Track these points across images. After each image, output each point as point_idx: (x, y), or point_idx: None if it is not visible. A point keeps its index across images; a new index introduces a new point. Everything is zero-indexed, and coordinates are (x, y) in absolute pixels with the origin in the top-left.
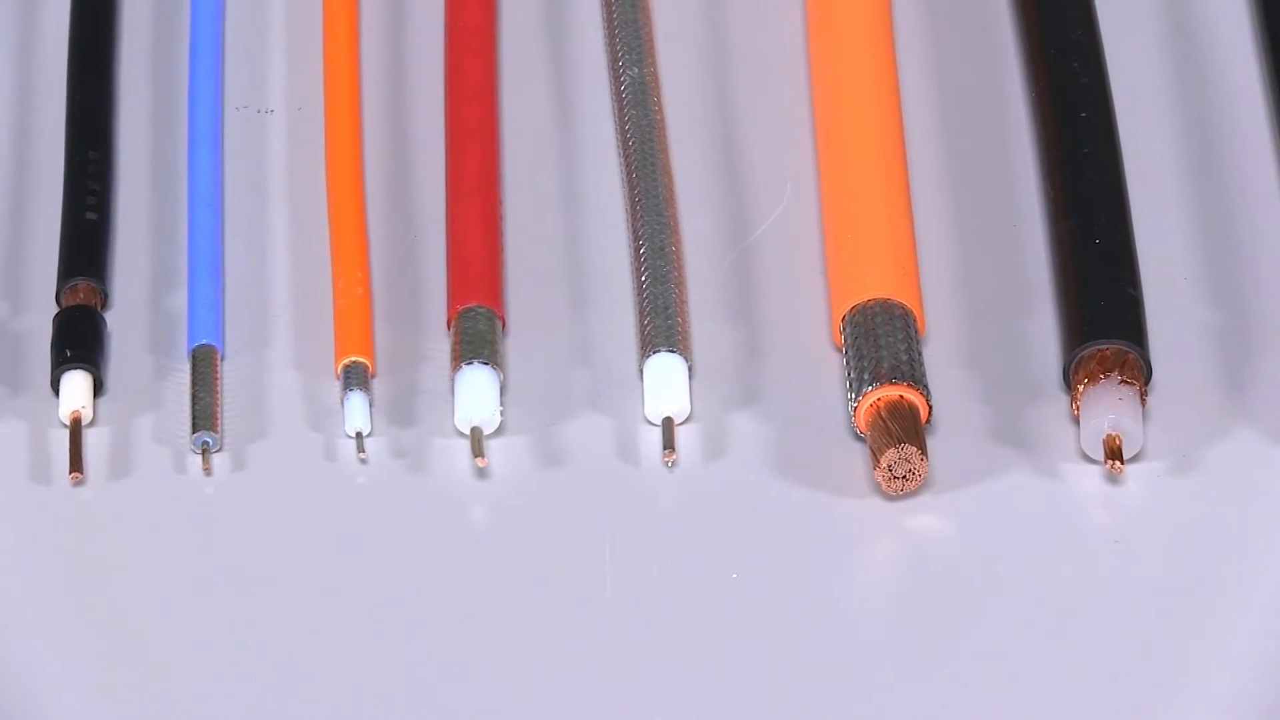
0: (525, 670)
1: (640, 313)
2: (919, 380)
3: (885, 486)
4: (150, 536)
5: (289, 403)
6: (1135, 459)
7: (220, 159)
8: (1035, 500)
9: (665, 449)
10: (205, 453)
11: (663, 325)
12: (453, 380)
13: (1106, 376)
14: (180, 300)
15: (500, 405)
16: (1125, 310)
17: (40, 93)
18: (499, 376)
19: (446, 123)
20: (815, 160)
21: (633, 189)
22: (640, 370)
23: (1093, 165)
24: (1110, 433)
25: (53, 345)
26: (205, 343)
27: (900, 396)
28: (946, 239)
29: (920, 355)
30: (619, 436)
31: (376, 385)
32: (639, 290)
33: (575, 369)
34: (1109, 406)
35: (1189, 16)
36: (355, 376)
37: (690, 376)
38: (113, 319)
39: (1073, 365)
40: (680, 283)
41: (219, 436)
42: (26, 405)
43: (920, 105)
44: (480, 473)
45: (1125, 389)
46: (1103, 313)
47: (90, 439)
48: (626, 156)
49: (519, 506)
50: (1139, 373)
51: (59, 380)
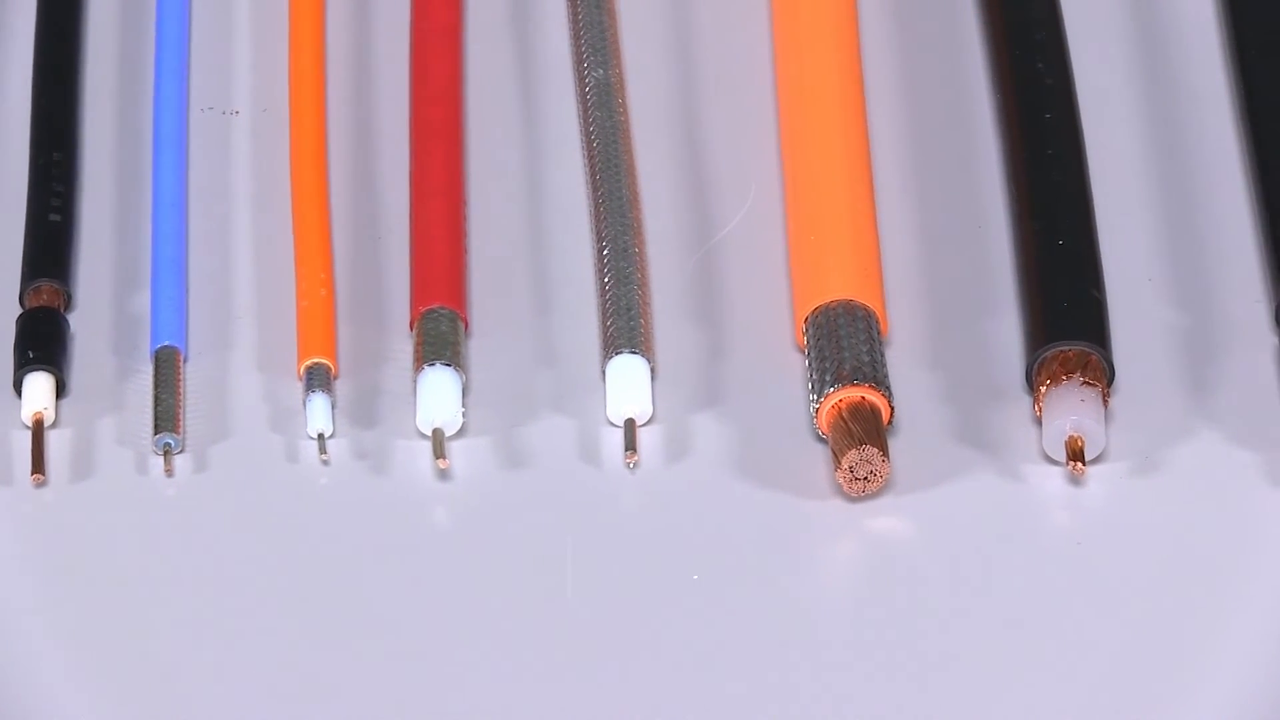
0: (487, 671)
1: (603, 314)
2: (881, 381)
3: (847, 488)
4: (112, 538)
5: (251, 404)
6: (1097, 460)
7: (185, 160)
8: (997, 502)
9: (627, 450)
10: (167, 454)
11: (625, 327)
12: (415, 381)
13: (1069, 378)
14: (144, 302)
15: (462, 407)
16: (1088, 311)
17: (5, 95)
18: (461, 378)
19: (411, 124)
20: (780, 162)
21: (596, 190)
22: (603, 371)
23: (1057, 166)
24: (1072, 434)
25: (15, 346)
26: (168, 344)
27: (862, 398)
28: (910, 240)
29: (882, 356)
30: (581, 438)
31: (339, 386)
32: (602, 291)
33: (538, 370)
34: (1071, 408)
35: (1155, 18)
36: (317, 378)
37: (653, 378)
38: (76, 320)
39: (1035, 366)
40: (643, 284)
41: (181, 438)
42: None
43: (885, 106)
44: (442, 474)
45: (1087, 390)
46: (1065, 314)
47: (52, 440)
48: (591, 158)
49: (481, 508)
50: (1101, 374)
51: (21, 381)
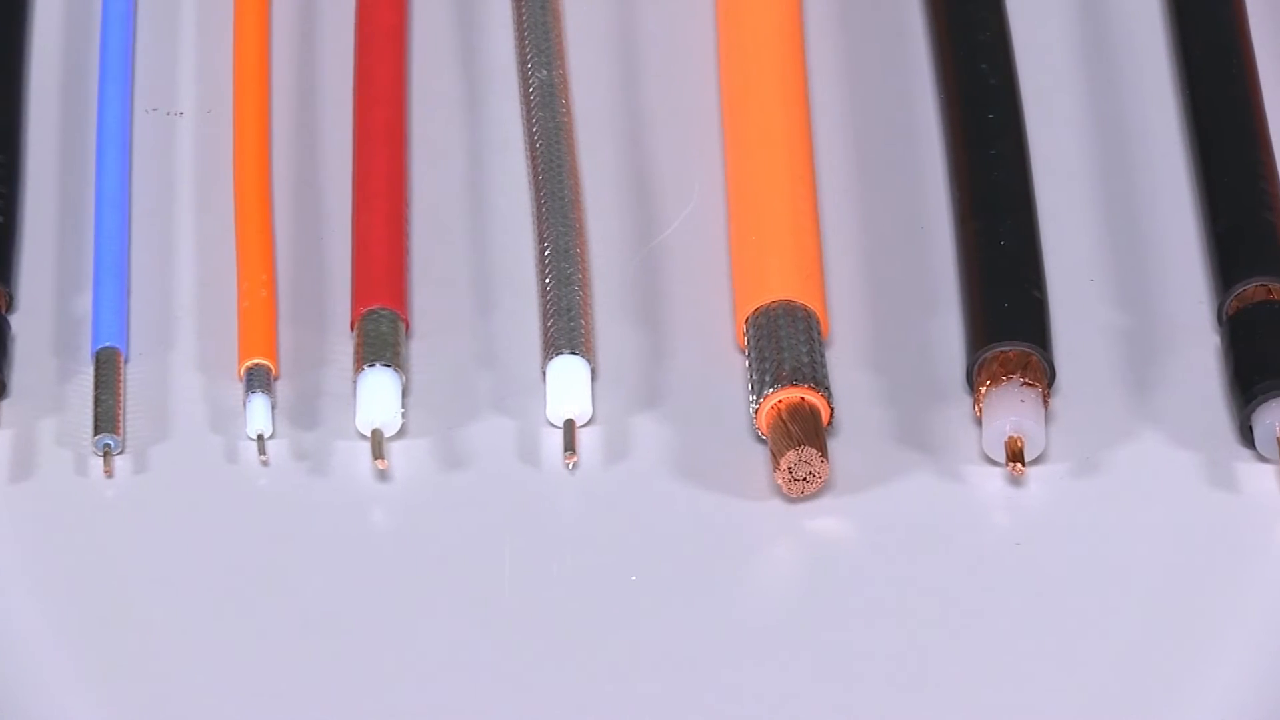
0: (425, 671)
1: (544, 315)
2: (820, 382)
3: (786, 488)
4: (51, 539)
5: (191, 405)
6: (1038, 461)
7: (128, 162)
8: (937, 502)
9: (566, 451)
10: (107, 455)
11: (566, 327)
12: (354, 382)
13: (1009, 378)
14: (85, 303)
15: (402, 408)
16: (1029, 312)
17: None
18: (401, 379)
19: (355, 125)
20: (724, 163)
21: (539, 191)
22: (543, 372)
23: (999, 167)
24: (1012, 435)
25: None
26: (109, 345)
27: (801, 398)
28: (853, 241)
29: (823, 357)
30: (521, 439)
31: (280, 387)
32: (543, 292)
33: (479, 371)
34: (1011, 409)
35: (1100, 18)
36: (258, 379)
37: (593, 379)
38: (17, 321)
39: (975, 367)
40: (584, 285)
41: (121, 439)
42: None
43: (830, 107)
44: (381, 475)
45: (1027, 391)
46: (1006, 314)
47: None
48: (533, 159)
49: (420, 508)
50: (1042, 374)
51: None
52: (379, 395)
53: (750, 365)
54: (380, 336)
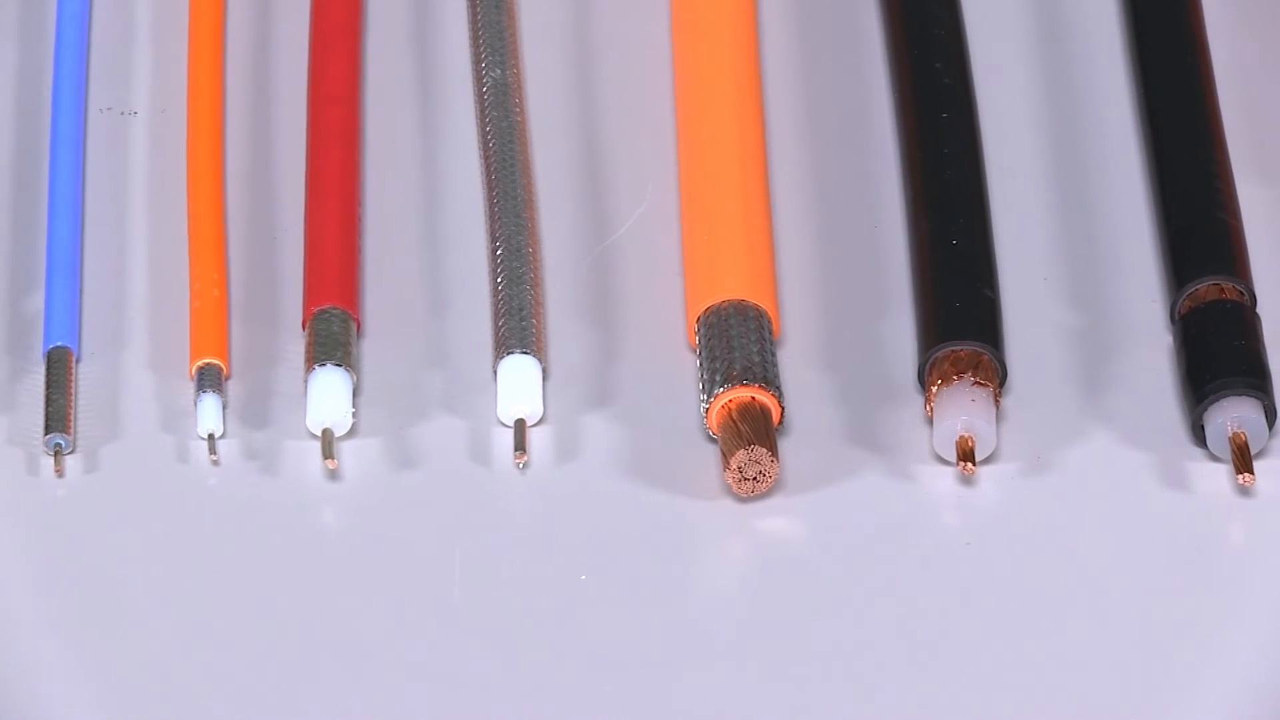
0: (375, 670)
1: (495, 314)
2: (771, 382)
3: (736, 488)
4: (1, 538)
5: (142, 404)
6: (989, 460)
7: (82, 161)
8: (888, 502)
9: (517, 450)
10: (58, 454)
11: (517, 327)
12: (306, 382)
13: (960, 378)
14: (37, 302)
15: (353, 407)
16: (980, 311)
17: None
18: (352, 378)
19: (308, 124)
20: (677, 162)
21: (492, 190)
22: (494, 371)
23: (952, 166)
24: (962, 434)
25: None
26: (60, 344)
27: (752, 398)
28: (806, 240)
29: (774, 356)
30: (472, 438)
31: (231, 387)
32: (495, 292)
33: (430, 371)
34: (961, 408)
35: (1055, 17)
36: (209, 378)
37: (544, 378)
38: None
39: (927, 366)
40: (536, 284)
41: (72, 438)
42: None
43: (783, 106)
44: (331, 474)
45: (978, 390)
46: (957, 314)
47: None
48: (487, 158)
49: (370, 508)
50: (993, 374)
51: None
52: (330, 395)
53: (701, 365)
54: (332, 336)
